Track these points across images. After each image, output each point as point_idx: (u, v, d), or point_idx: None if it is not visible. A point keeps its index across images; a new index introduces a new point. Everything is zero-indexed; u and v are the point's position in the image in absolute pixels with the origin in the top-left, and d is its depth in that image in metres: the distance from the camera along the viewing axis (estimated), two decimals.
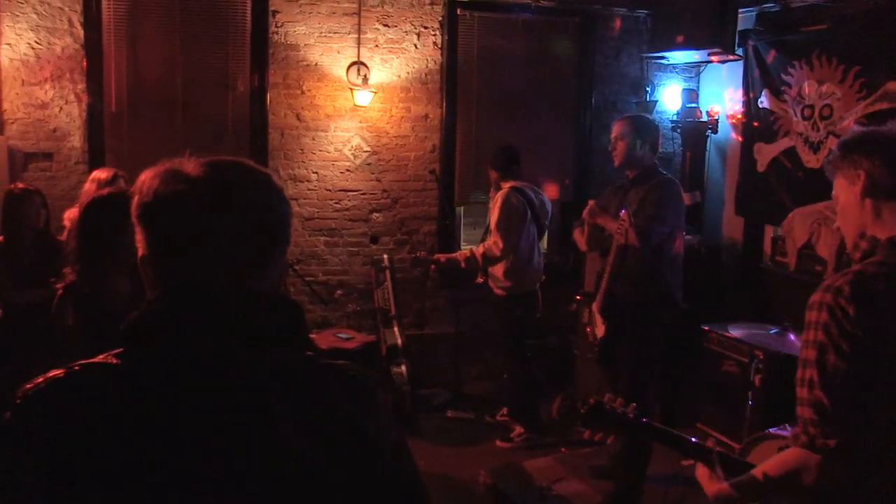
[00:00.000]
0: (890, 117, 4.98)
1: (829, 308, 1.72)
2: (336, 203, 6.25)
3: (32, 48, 5.45)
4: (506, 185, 5.37)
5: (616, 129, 4.46)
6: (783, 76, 5.90)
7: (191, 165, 1.19)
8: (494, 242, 5.25)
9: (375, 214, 6.37)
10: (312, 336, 5.81)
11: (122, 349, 1.15)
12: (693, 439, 2.11)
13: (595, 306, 4.49)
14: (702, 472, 2.01)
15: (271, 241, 1.22)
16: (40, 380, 1.12)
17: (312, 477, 1.11)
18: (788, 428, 3.64)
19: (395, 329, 5.98)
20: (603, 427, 1.99)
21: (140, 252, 1.21)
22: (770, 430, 3.67)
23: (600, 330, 4.47)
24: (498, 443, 5.49)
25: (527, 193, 5.40)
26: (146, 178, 1.20)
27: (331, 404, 1.16)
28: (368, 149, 6.26)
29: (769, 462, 1.84)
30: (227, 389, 1.11)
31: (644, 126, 4.46)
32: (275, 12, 5.92)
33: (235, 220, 1.17)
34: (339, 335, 5.87)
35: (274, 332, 1.17)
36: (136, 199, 1.20)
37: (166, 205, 1.17)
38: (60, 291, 3.01)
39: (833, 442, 1.66)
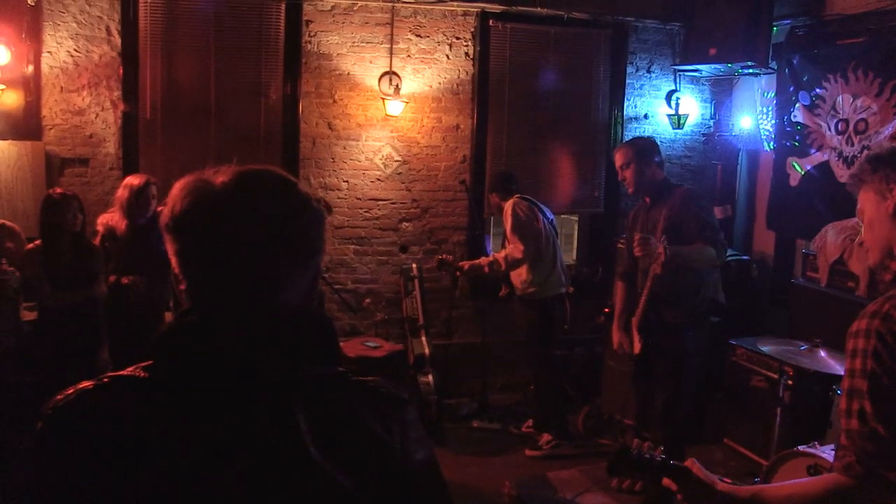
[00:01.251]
0: None
1: (879, 334, 1.63)
2: (366, 212, 6.29)
3: (71, 56, 5.54)
4: (510, 200, 5.50)
5: (619, 158, 4.51)
6: (817, 90, 5.84)
7: (218, 177, 1.20)
8: (515, 246, 5.31)
9: (405, 224, 6.39)
10: (340, 344, 5.83)
11: (151, 361, 1.15)
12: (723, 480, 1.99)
13: (634, 322, 4.49)
14: None
15: (299, 252, 1.22)
16: (70, 391, 1.14)
17: (338, 497, 1.10)
18: (818, 446, 3.59)
19: (423, 338, 5.99)
20: (630, 474, 1.89)
21: (172, 264, 1.22)
22: (799, 447, 3.63)
23: (637, 347, 4.48)
24: (527, 452, 5.48)
25: (532, 200, 5.55)
26: (176, 190, 1.21)
27: (359, 423, 1.15)
28: (399, 158, 6.29)
29: (808, 490, 1.77)
30: (252, 407, 1.10)
31: (644, 148, 4.51)
32: (308, 22, 5.98)
33: (260, 232, 1.17)
34: (367, 343, 5.89)
35: (303, 347, 1.16)
36: (165, 212, 1.21)
37: (192, 217, 1.17)
38: None
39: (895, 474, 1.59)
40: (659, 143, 4.95)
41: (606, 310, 5.96)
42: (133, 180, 4.85)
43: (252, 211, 1.18)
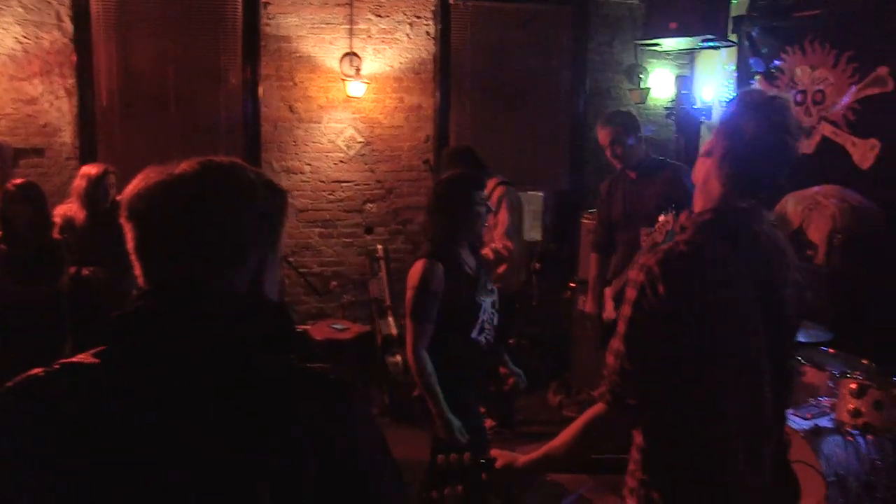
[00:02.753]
0: (881, 102, 4.99)
1: (641, 286, 1.79)
2: (330, 194, 6.24)
3: (20, 42, 5.41)
4: (493, 183, 5.11)
5: (606, 135, 4.42)
6: (776, 62, 5.90)
7: (177, 167, 1.21)
8: (505, 246, 5.03)
9: (369, 205, 6.36)
10: (308, 327, 5.81)
11: (103, 347, 1.16)
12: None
13: (608, 291, 4.53)
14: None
15: (257, 240, 1.23)
16: (21, 377, 1.15)
17: (276, 489, 1.10)
18: (797, 419, 3.69)
19: (390, 319, 5.97)
20: (451, 483, 1.93)
21: (129, 249, 1.22)
22: None
23: (610, 314, 4.50)
24: None
25: (513, 185, 5.28)
26: (136, 178, 1.23)
27: (300, 415, 1.14)
28: (362, 139, 6.25)
29: (577, 423, 1.95)
30: (193, 396, 1.11)
31: (630, 121, 4.46)
32: (266, 3, 5.90)
33: (217, 219, 1.19)
34: (335, 326, 5.87)
35: (252, 334, 1.16)
36: (124, 197, 1.22)
37: (148, 202, 1.19)
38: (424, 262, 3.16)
39: (633, 401, 1.83)
40: None
41: (573, 284, 5.98)
42: (90, 170, 4.76)
43: (209, 198, 1.19)
